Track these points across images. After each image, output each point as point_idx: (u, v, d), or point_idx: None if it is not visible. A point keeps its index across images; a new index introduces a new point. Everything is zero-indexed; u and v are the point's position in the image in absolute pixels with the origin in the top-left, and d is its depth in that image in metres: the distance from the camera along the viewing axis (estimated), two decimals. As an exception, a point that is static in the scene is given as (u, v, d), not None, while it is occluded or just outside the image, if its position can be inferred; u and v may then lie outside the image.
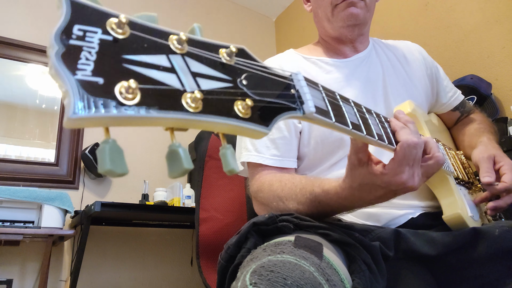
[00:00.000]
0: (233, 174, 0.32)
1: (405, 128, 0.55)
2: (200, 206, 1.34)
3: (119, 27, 0.29)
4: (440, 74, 1.04)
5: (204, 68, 0.32)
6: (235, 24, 3.58)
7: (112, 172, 0.26)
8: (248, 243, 0.62)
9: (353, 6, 0.88)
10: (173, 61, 0.31)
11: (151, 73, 0.29)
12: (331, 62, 0.94)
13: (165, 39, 0.31)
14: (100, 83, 0.26)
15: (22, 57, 2.49)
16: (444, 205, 0.76)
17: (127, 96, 0.26)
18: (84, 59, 0.26)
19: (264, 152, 0.83)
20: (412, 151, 0.53)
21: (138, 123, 0.28)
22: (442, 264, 0.71)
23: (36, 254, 2.23)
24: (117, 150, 0.27)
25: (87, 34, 0.27)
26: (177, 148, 0.30)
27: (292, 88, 0.39)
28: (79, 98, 0.25)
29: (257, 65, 0.37)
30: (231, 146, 0.33)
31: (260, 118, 0.34)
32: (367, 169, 0.56)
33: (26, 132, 2.44)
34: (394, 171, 0.54)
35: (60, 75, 0.25)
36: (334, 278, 0.49)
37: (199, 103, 0.30)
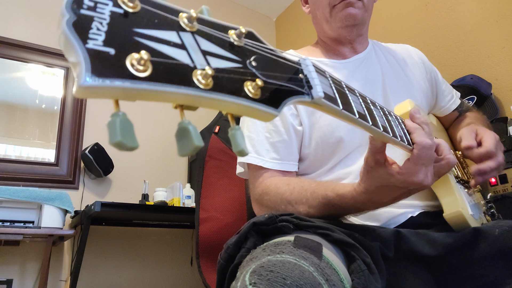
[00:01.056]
0: (244, 156, 0.32)
1: (420, 129, 0.58)
2: (200, 206, 1.34)
3: (130, 1, 0.28)
4: (438, 78, 1.04)
5: (213, 47, 0.32)
6: (235, 23, 3.56)
7: (122, 144, 0.26)
8: (247, 243, 0.62)
9: (351, 6, 0.88)
10: (183, 38, 0.30)
11: (162, 48, 0.28)
12: (330, 64, 0.94)
13: (175, 15, 0.31)
14: (111, 53, 0.26)
15: (22, 57, 2.49)
16: (444, 203, 0.76)
17: (138, 68, 0.26)
18: (96, 29, 0.26)
19: (264, 155, 0.83)
20: (428, 152, 0.56)
21: (149, 97, 0.27)
22: (442, 264, 0.71)
23: (36, 254, 2.23)
24: (128, 124, 0.26)
25: (98, 6, 0.27)
26: (187, 126, 0.29)
27: (301, 73, 0.39)
28: (90, 67, 0.24)
29: (266, 47, 0.37)
30: (240, 127, 0.32)
31: (269, 99, 0.33)
32: (385, 170, 0.57)
33: (26, 132, 2.45)
34: (411, 170, 0.56)
35: (71, 43, 0.24)
36: (334, 278, 0.49)
37: (209, 80, 0.29)
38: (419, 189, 0.59)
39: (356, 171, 0.80)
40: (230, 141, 0.32)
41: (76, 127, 2.53)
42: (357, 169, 0.80)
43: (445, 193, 0.77)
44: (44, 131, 2.50)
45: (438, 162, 0.60)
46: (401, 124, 0.60)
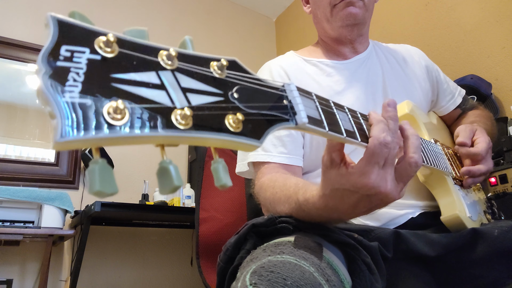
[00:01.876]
0: (225, 189, 0.32)
1: (381, 124, 0.49)
2: (200, 206, 1.34)
3: (107, 46, 0.28)
4: (440, 77, 1.04)
5: (194, 83, 0.32)
6: (235, 24, 3.58)
7: (102, 193, 0.26)
8: (247, 244, 0.62)
9: (351, 5, 0.88)
10: (163, 78, 0.30)
11: (140, 91, 0.29)
12: (331, 64, 0.94)
13: (154, 55, 0.31)
14: (88, 104, 0.26)
15: (22, 57, 2.49)
16: (442, 205, 0.76)
17: (115, 117, 0.26)
18: (72, 80, 0.26)
19: (272, 150, 0.83)
20: (383, 149, 0.47)
21: (128, 143, 0.28)
22: (441, 264, 0.71)
23: (36, 254, 2.23)
24: (107, 170, 0.27)
25: (75, 55, 0.27)
26: (168, 165, 0.30)
27: (285, 99, 0.39)
28: (67, 120, 0.25)
29: (249, 77, 0.37)
30: (223, 160, 0.33)
31: (251, 131, 0.34)
32: (337, 170, 0.51)
33: (26, 132, 2.45)
34: (361, 170, 0.48)
35: (48, 97, 0.25)
36: (334, 279, 0.49)
37: (189, 119, 0.30)
38: (378, 195, 0.49)
39: None
40: (213, 174, 0.33)
41: (76, 127, 2.53)
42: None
43: (442, 195, 0.77)
44: (44, 131, 2.50)
45: (400, 162, 0.51)
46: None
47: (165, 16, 3.17)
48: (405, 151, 0.52)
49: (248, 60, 3.47)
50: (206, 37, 3.32)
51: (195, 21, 3.33)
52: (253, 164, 0.87)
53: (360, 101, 0.88)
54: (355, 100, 0.88)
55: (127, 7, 3.01)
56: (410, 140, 0.52)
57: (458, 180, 0.83)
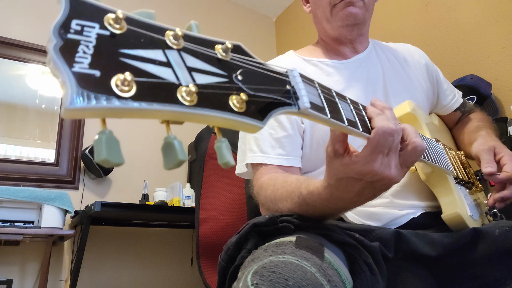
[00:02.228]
0: (228, 167, 0.33)
1: (381, 115, 0.51)
2: (200, 206, 1.34)
3: (116, 23, 0.29)
4: (440, 77, 1.04)
5: (199, 63, 0.33)
6: (235, 24, 3.58)
7: (108, 161, 0.27)
8: (248, 244, 0.62)
9: (351, 5, 0.88)
10: (169, 56, 0.31)
11: (147, 67, 0.30)
12: (331, 64, 0.94)
13: (161, 34, 0.32)
14: (96, 75, 0.27)
15: (22, 57, 2.49)
16: (443, 204, 0.76)
17: (123, 89, 0.27)
18: (82, 52, 0.27)
19: (270, 152, 0.83)
20: (388, 138, 0.49)
21: (134, 115, 0.28)
22: (442, 264, 0.71)
23: (36, 254, 2.23)
24: (114, 141, 0.28)
25: (85, 29, 0.28)
26: (172, 140, 0.30)
27: (288, 84, 0.40)
28: (76, 89, 0.25)
29: (253, 61, 0.38)
30: (226, 140, 0.33)
31: (255, 112, 0.34)
32: (341, 160, 0.52)
33: (26, 132, 2.44)
34: (365, 159, 0.49)
35: (58, 67, 0.25)
36: (336, 279, 0.49)
37: (194, 96, 0.30)
38: (381, 181, 0.51)
39: None
40: (216, 153, 0.33)
41: (76, 127, 2.53)
42: None
43: (443, 194, 0.77)
44: (44, 131, 2.50)
45: (403, 149, 0.53)
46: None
47: (165, 16, 3.17)
48: (406, 138, 0.53)
49: (248, 60, 3.46)
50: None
51: (195, 20, 3.32)
52: (251, 165, 0.87)
53: (360, 101, 0.88)
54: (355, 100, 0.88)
55: (127, 8, 3.01)
56: (407, 128, 0.54)
57: (461, 180, 0.83)
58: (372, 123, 0.51)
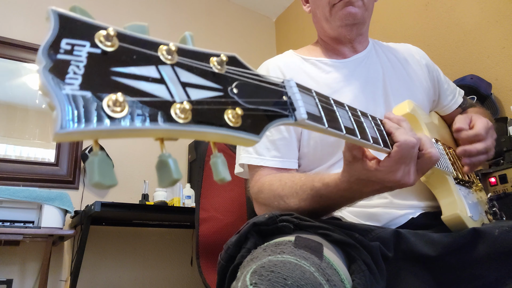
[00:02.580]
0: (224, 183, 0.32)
1: (400, 128, 0.56)
2: (200, 206, 1.34)
3: (107, 40, 0.28)
4: (441, 77, 1.04)
5: (194, 77, 0.32)
6: (235, 24, 3.58)
7: (101, 184, 0.26)
8: (248, 243, 0.62)
9: (350, 5, 0.88)
10: (163, 72, 0.31)
11: (140, 85, 0.29)
12: (330, 63, 0.94)
13: (154, 50, 0.31)
14: (88, 96, 0.26)
15: (22, 57, 2.49)
16: (443, 205, 0.76)
17: (114, 109, 0.26)
18: (72, 73, 0.26)
19: (265, 154, 0.83)
20: (410, 151, 0.54)
21: (127, 135, 0.28)
22: (442, 264, 0.71)
23: (36, 254, 2.23)
24: (106, 162, 0.27)
25: (75, 48, 0.27)
26: (167, 159, 0.30)
27: (284, 95, 0.39)
28: (67, 112, 0.25)
29: (248, 73, 0.37)
30: (222, 155, 0.33)
31: (251, 126, 0.34)
32: (361, 165, 0.56)
33: (26, 132, 2.44)
34: (389, 168, 0.54)
35: (48, 90, 0.25)
36: (335, 278, 0.49)
37: (188, 113, 0.30)
38: (399, 186, 0.57)
39: None
40: (212, 168, 0.33)
41: (76, 127, 2.53)
42: None
43: (443, 195, 0.77)
44: (44, 131, 2.50)
45: (420, 158, 0.58)
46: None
47: (165, 16, 3.17)
48: (422, 147, 0.58)
49: (248, 60, 3.42)
50: (206, 37, 3.32)
51: (195, 21, 3.33)
52: (248, 166, 0.87)
53: (358, 100, 0.88)
54: (354, 99, 0.88)
55: (127, 7, 3.01)
56: (423, 138, 0.58)
57: (460, 180, 0.83)
58: (393, 138, 0.55)
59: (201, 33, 3.30)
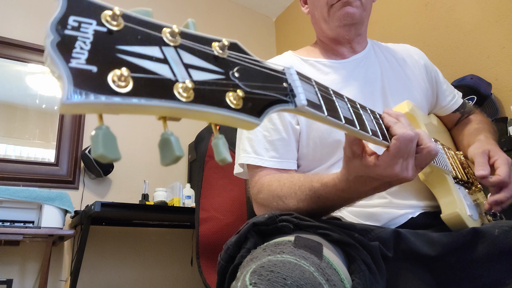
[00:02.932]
0: (225, 164, 0.33)
1: (399, 123, 0.56)
2: (200, 206, 1.34)
3: (113, 19, 0.29)
4: (439, 77, 1.04)
5: (196, 60, 0.33)
6: (235, 24, 3.58)
7: (104, 156, 0.27)
8: (248, 243, 0.62)
9: (348, 5, 0.88)
10: (166, 53, 0.32)
11: (144, 63, 0.30)
12: (328, 64, 0.94)
13: (158, 31, 0.32)
14: (93, 71, 0.27)
15: (22, 57, 2.49)
16: (442, 204, 0.76)
17: (119, 84, 0.27)
18: (79, 48, 0.27)
19: (263, 154, 0.83)
20: (408, 144, 0.54)
21: (131, 111, 0.28)
22: (441, 264, 0.71)
23: (36, 254, 2.23)
24: (110, 137, 0.28)
25: (82, 25, 0.28)
26: (169, 136, 0.30)
27: (285, 82, 0.40)
28: (73, 84, 0.25)
29: (250, 58, 0.38)
30: (223, 136, 0.34)
31: (251, 109, 0.34)
32: (361, 161, 0.56)
33: (26, 132, 2.44)
34: (387, 163, 0.54)
35: (55, 62, 0.26)
36: (334, 278, 0.49)
37: (190, 92, 0.30)
38: (398, 181, 0.57)
39: None
40: (213, 149, 0.33)
41: (76, 127, 2.53)
42: None
43: (443, 194, 0.77)
44: (44, 131, 2.50)
45: (419, 153, 0.57)
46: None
47: (165, 16, 3.17)
48: (420, 142, 0.57)
49: (248, 60, 3.46)
50: (206, 37, 3.31)
51: (195, 20, 3.33)
52: (247, 166, 0.87)
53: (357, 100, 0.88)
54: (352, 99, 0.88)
55: (127, 7, 3.01)
56: (421, 133, 0.58)
57: (460, 179, 0.83)
58: (392, 131, 0.55)
59: (200, 32, 3.30)
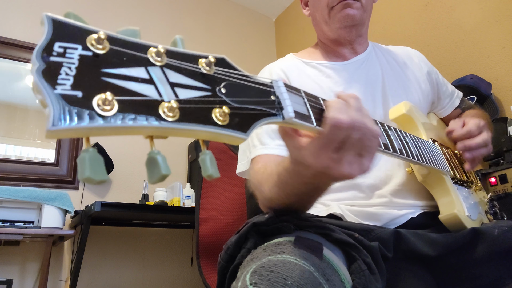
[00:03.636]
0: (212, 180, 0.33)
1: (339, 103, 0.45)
2: (200, 206, 1.34)
3: (98, 43, 0.30)
4: (439, 79, 1.04)
5: (183, 78, 0.34)
6: (235, 24, 3.58)
7: (91, 179, 0.28)
8: (248, 243, 0.62)
9: (349, 7, 0.88)
10: (152, 73, 0.32)
11: (129, 85, 0.30)
12: (330, 66, 0.94)
13: (144, 52, 0.33)
14: (79, 96, 0.28)
15: (22, 57, 2.49)
16: (441, 205, 0.76)
17: (104, 108, 0.28)
18: (64, 74, 0.28)
19: (269, 143, 0.82)
20: (337, 132, 0.43)
21: (116, 133, 0.29)
22: (442, 264, 0.71)
23: (36, 254, 2.23)
24: (97, 159, 0.28)
25: (68, 51, 0.29)
26: (156, 156, 0.31)
27: (272, 95, 0.40)
28: (59, 111, 0.26)
29: (237, 73, 0.38)
30: (210, 152, 0.34)
31: (238, 124, 0.35)
32: (293, 142, 0.49)
33: (26, 132, 2.45)
34: (311, 150, 0.46)
35: (40, 89, 0.26)
36: (334, 278, 0.49)
37: (176, 111, 0.31)
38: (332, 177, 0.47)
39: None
40: (200, 165, 0.34)
41: (76, 127, 2.53)
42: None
43: (441, 195, 0.77)
44: (44, 131, 2.50)
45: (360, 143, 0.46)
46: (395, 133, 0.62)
47: (165, 16, 3.17)
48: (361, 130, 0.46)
49: (248, 60, 3.47)
50: (205, 36, 3.32)
51: (195, 21, 3.33)
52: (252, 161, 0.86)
53: None
54: None
55: (127, 7, 3.01)
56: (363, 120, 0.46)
57: (458, 179, 0.83)
58: (325, 114, 0.45)
59: (200, 32, 3.31)
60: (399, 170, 0.81)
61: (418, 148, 0.70)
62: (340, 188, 0.80)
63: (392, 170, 0.81)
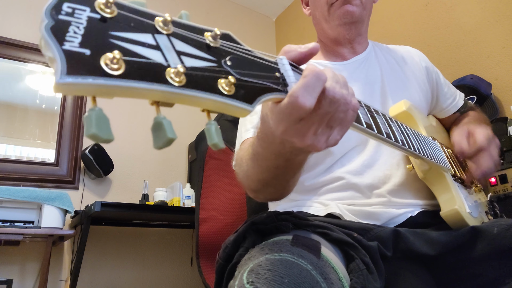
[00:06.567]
0: (217, 149, 0.33)
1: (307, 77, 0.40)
2: (200, 206, 1.34)
3: (107, 7, 0.30)
4: (440, 79, 1.04)
5: (188, 48, 0.34)
6: (235, 24, 3.58)
7: (97, 136, 0.27)
8: (246, 242, 0.62)
9: (348, 4, 0.89)
10: (158, 40, 0.32)
11: (137, 49, 0.30)
12: (329, 66, 0.94)
13: (151, 19, 0.33)
14: (86, 54, 0.28)
15: (22, 57, 2.49)
16: (441, 201, 0.76)
17: (112, 67, 0.28)
18: (72, 32, 0.28)
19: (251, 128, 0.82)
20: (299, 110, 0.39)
21: (123, 93, 0.29)
22: (441, 263, 0.71)
23: (36, 254, 2.23)
24: (103, 118, 0.28)
25: (76, 12, 0.29)
26: (162, 120, 0.31)
27: (277, 71, 0.41)
28: (66, 66, 0.26)
29: (242, 48, 0.39)
30: (216, 122, 0.34)
31: (244, 96, 0.35)
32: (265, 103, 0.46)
33: (26, 132, 2.45)
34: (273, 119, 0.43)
35: (49, 45, 0.26)
36: (332, 277, 0.49)
37: (182, 77, 0.31)
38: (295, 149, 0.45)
39: (354, 170, 0.80)
40: (206, 135, 0.34)
41: (76, 127, 2.54)
42: (354, 168, 0.80)
43: (442, 191, 0.77)
44: (44, 131, 2.50)
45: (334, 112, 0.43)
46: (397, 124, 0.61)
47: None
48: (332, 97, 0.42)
49: (248, 60, 3.46)
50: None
51: (194, 19, 3.27)
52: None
53: None
54: None
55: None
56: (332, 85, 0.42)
57: (459, 178, 0.83)
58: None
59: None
60: (398, 170, 0.81)
61: (419, 142, 0.70)
62: (339, 188, 0.80)
63: (391, 170, 0.81)
